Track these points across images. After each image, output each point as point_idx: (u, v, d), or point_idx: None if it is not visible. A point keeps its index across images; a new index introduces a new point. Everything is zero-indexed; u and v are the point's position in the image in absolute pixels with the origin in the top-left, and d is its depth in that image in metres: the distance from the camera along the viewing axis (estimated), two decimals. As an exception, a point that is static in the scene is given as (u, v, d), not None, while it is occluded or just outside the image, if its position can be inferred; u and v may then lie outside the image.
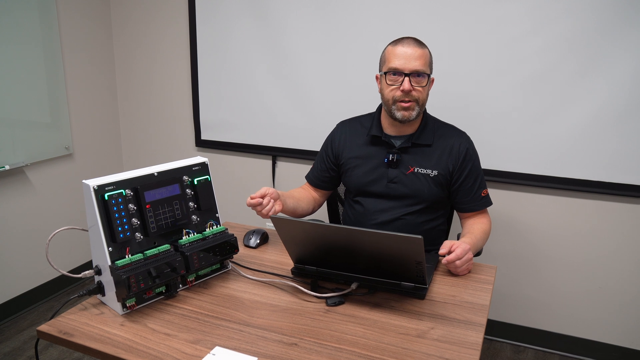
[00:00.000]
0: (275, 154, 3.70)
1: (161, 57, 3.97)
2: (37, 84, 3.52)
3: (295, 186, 3.53)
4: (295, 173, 3.65)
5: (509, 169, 3.08)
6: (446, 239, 2.54)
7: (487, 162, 3.05)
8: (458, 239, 2.28)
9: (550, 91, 2.89)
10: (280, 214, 2.18)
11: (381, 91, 2.28)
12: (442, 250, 1.96)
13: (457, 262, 1.94)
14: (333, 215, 2.85)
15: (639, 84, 2.72)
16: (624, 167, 2.84)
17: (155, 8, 3.88)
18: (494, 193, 3.10)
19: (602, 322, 3.12)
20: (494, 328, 3.37)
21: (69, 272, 3.82)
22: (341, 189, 2.68)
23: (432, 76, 2.26)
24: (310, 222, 1.75)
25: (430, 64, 2.23)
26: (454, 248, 1.95)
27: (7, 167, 3.31)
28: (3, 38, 3.25)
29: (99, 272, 1.71)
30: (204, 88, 3.81)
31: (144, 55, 4.04)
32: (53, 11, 3.56)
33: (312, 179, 2.61)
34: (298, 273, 1.95)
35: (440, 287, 1.89)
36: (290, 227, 1.81)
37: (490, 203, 2.36)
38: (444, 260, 1.95)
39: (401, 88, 2.16)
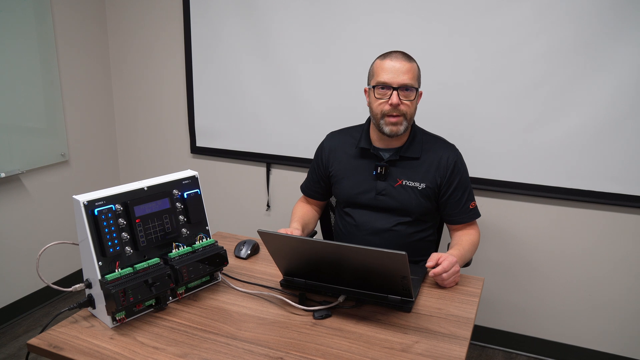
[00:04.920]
0: (270, 161, 3.72)
1: (157, 64, 3.99)
2: (33, 90, 3.53)
3: (288, 193, 3.57)
4: (289, 180, 3.67)
5: (502, 177, 3.10)
6: (436, 249, 2.57)
7: (480, 171, 3.07)
8: (448, 249, 2.30)
9: (543, 101, 2.91)
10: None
11: (369, 105, 2.30)
12: (429, 262, 1.98)
13: (444, 275, 1.96)
14: (324, 224, 2.88)
15: (633, 93, 2.74)
16: (614, 177, 2.86)
17: (150, 16, 3.90)
18: (487, 201, 3.13)
19: (593, 329, 3.14)
20: (486, 335, 3.39)
21: (61, 280, 3.88)
22: (333, 198, 2.70)
23: (420, 90, 2.28)
24: (297, 237, 1.77)
25: (418, 78, 2.24)
26: (440, 261, 1.97)
27: (2, 175, 3.32)
28: (-1, 44, 3.27)
29: (89, 285, 1.73)
30: (199, 96, 3.83)
31: (139, 62, 4.06)
32: (48, 17, 3.57)
33: (307, 191, 2.64)
34: (287, 285, 1.97)
35: (427, 299, 1.91)
36: (277, 242, 1.83)
37: (478, 215, 2.38)
38: (430, 272, 1.96)
39: (389, 102, 2.17)
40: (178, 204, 1.90)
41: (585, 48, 2.77)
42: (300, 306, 1.82)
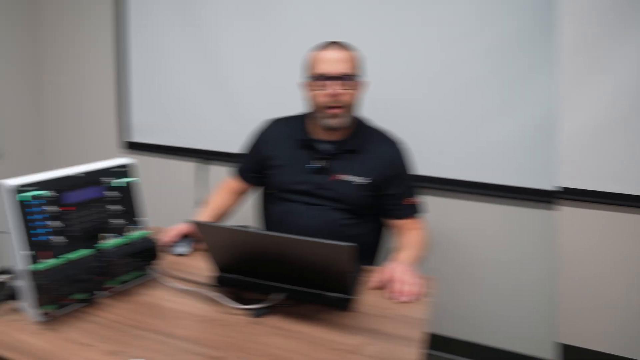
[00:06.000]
0: (206, 157, 3.64)
1: (86, 59, 3.89)
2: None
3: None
4: (224, 176, 3.57)
5: (446, 175, 3.05)
6: (375, 253, 2.52)
7: (423, 168, 3.01)
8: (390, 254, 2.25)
9: (486, 97, 2.89)
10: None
11: (308, 98, 2.24)
12: (372, 284, 1.92)
13: (404, 289, 1.86)
14: (261, 217, 2.79)
15: (633, 93, 2.71)
16: (614, 176, 2.84)
17: (83, 11, 3.79)
18: (428, 200, 3.09)
19: (594, 329, 3.09)
20: (435, 342, 3.34)
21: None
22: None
23: (364, 79, 2.22)
24: (235, 228, 1.69)
25: (359, 67, 2.20)
26: (385, 278, 1.91)
27: None
28: None
29: (14, 277, 1.62)
30: (134, 91, 3.74)
31: (69, 56, 3.94)
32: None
33: (237, 172, 2.57)
34: (222, 282, 1.87)
35: (376, 299, 1.85)
36: (214, 233, 1.75)
37: (420, 211, 2.33)
38: (388, 296, 1.87)
39: (328, 93, 2.11)
40: (111, 193, 1.79)
41: (586, 48, 2.73)
42: (237, 305, 1.74)
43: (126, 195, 1.84)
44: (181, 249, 2.15)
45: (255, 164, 2.46)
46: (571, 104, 2.83)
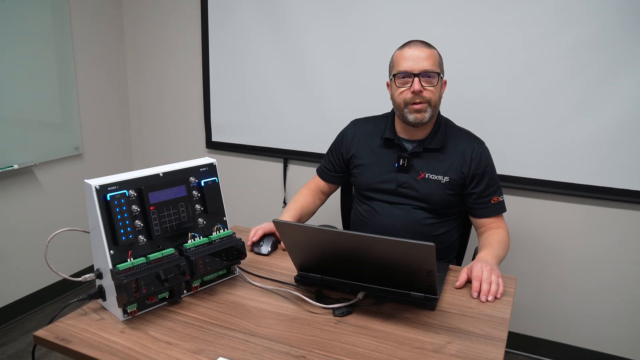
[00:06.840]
0: (287, 156, 3.64)
1: (173, 58, 3.94)
2: (48, 84, 3.50)
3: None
4: (307, 176, 3.55)
5: (529, 175, 3.01)
6: (457, 252, 2.51)
7: (505, 168, 2.98)
8: (475, 254, 2.23)
9: (571, 96, 2.82)
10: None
11: (392, 97, 2.22)
12: (458, 283, 1.88)
13: (491, 288, 1.82)
14: (346, 217, 2.81)
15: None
16: (636, 173, 2.78)
17: (167, 10, 3.85)
18: (512, 200, 3.03)
19: (627, 337, 3.02)
20: (513, 340, 3.28)
21: (74, 274, 3.79)
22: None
23: (444, 78, 2.20)
24: (315, 227, 1.67)
25: (440, 65, 2.17)
26: (472, 275, 1.86)
27: (15, 167, 3.28)
28: (15, 38, 3.23)
29: (99, 275, 1.64)
30: (215, 90, 3.77)
31: (155, 56, 4.01)
32: (65, 12, 3.53)
33: (320, 172, 2.58)
34: (302, 281, 1.86)
35: (457, 297, 1.80)
36: (294, 232, 1.73)
37: (504, 209, 2.27)
38: (475, 295, 1.82)
39: (411, 89, 2.09)
40: (195, 192, 1.80)
41: (617, 43, 2.68)
42: (318, 303, 1.71)
43: (210, 195, 1.84)
44: (264, 248, 2.15)
45: (339, 164, 2.47)
46: (604, 99, 2.76)
